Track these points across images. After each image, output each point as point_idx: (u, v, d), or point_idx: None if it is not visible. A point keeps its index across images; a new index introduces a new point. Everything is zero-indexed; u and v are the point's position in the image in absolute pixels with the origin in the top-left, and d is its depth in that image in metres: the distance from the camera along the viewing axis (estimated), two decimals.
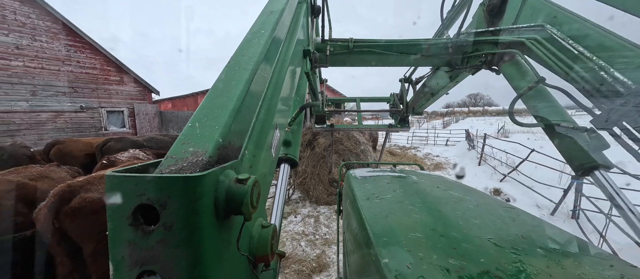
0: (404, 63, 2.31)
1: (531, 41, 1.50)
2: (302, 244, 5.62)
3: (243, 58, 0.72)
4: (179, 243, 0.38)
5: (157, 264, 0.37)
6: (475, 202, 1.10)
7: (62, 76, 11.11)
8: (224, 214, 0.45)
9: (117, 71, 12.87)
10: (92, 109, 12.12)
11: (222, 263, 0.45)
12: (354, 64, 2.36)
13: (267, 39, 0.81)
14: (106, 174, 0.40)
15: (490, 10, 1.90)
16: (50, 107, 10.88)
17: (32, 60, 10.33)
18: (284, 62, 1.00)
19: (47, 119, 10.78)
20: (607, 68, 1.16)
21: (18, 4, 9.90)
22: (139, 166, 0.47)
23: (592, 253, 0.73)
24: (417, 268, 0.63)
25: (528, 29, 1.56)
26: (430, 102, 3.04)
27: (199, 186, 0.39)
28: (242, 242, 0.51)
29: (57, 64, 11.00)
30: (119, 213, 0.38)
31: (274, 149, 0.84)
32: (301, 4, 1.47)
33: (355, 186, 1.34)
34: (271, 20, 0.91)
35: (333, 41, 2.20)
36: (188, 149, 0.48)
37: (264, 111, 0.76)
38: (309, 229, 6.30)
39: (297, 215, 7.10)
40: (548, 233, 0.85)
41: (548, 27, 1.43)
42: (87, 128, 11.96)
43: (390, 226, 0.88)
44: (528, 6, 1.61)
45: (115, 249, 0.38)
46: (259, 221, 0.59)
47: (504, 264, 0.64)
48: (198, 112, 0.57)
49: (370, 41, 2.20)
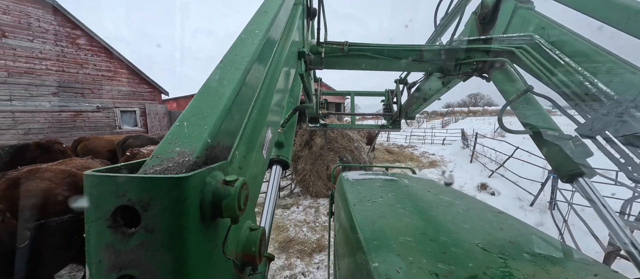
0: (398, 68, 2.37)
1: (520, 50, 1.55)
2: (304, 230, 6.35)
3: (236, 57, 0.71)
4: (161, 246, 0.36)
5: (137, 268, 0.36)
6: (465, 207, 1.13)
7: (80, 78, 11.95)
8: (211, 217, 0.44)
9: (130, 73, 13.69)
10: (108, 109, 12.95)
11: (207, 267, 0.43)
12: (349, 67, 2.42)
13: (261, 39, 0.80)
14: (85, 174, 0.38)
15: (482, 19, 1.97)
16: (70, 107, 11.71)
17: (54, 64, 11.15)
18: (278, 63, 1.00)
19: (67, 118, 11.61)
20: (591, 78, 1.20)
21: (42, 12, 10.72)
22: (120, 166, 0.46)
23: (576, 259, 0.76)
24: (406, 272, 0.64)
25: (518, 38, 1.61)
26: (423, 107, 3.13)
27: (184, 187, 0.38)
28: (230, 245, 0.51)
29: (76, 67, 11.83)
30: (97, 214, 0.37)
31: (265, 150, 0.83)
32: (297, 6, 1.50)
33: (348, 189, 1.37)
34: (266, 21, 0.90)
35: (328, 44, 2.24)
36: (175, 148, 0.47)
37: (256, 111, 0.75)
38: (309, 218, 7.04)
39: (299, 206, 7.84)
40: (535, 238, 0.87)
41: (537, 37, 1.49)
42: (103, 127, 12.78)
43: (381, 229, 0.89)
44: (518, 16, 1.67)
45: (92, 252, 0.37)
46: (248, 223, 0.58)
47: (492, 269, 0.66)
48: (187, 112, 0.56)
49: (364, 45, 2.24)
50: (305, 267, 4.93)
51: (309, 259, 5.19)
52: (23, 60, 10.39)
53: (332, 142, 8.21)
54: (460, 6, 2.18)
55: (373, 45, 2.24)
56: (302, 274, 4.74)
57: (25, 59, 10.42)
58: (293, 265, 4.97)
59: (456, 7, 2.24)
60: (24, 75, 10.44)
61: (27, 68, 10.50)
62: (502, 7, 1.79)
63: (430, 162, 13.75)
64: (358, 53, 2.24)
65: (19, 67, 10.30)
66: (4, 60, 9.96)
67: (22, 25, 10.30)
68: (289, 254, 5.33)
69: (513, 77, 1.71)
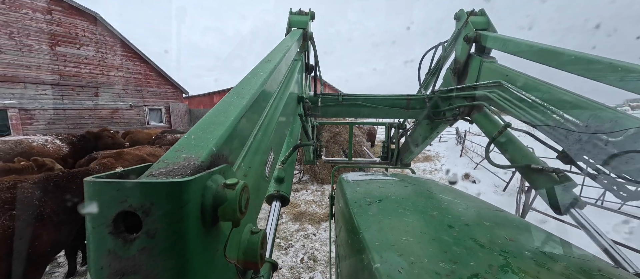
0: (390, 115, 2.69)
1: (493, 93, 1.74)
2: (312, 206, 7.91)
3: (242, 90, 0.78)
4: (162, 251, 0.36)
5: (138, 273, 0.36)
6: (466, 205, 1.14)
7: (116, 80, 13.70)
8: (212, 221, 0.43)
9: (157, 75, 15.42)
10: (138, 107, 14.72)
11: (209, 271, 0.43)
12: (344, 115, 2.74)
13: (264, 79, 0.88)
14: (85, 181, 0.38)
15: (456, 72, 2.27)
16: (108, 105, 13.49)
17: (96, 68, 12.91)
18: (280, 100, 1.12)
19: (106, 115, 13.38)
20: (557, 111, 1.31)
21: (86, 23, 12.46)
22: (122, 172, 0.45)
23: (577, 255, 0.77)
24: (408, 272, 0.66)
25: (489, 84, 1.82)
26: (416, 153, 3.28)
27: (185, 191, 0.38)
28: (231, 249, 0.51)
29: (113, 71, 13.58)
30: (98, 220, 0.37)
31: (268, 168, 0.87)
32: (296, 62, 1.72)
33: (348, 190, 1.38)
34: (269, 66, 1.01)
35: (324, 95, 2.60)
36: (181, 155, 0.49)
37: (261, 133, 0.81)
38: (317, 198, 8.60)
39: (307, 190, 9.41)
40: (536, 236, 0.88)
41: (504, 82, 1.67)
42: (135, 123, 14.55)
43: (382, 230, 0.90)
44: (485, 69, 1.93)
45: (94, 258, 0.37)
46: (248, 226, 0.57)
47: (493, 267, 0.67)
48: (195, 127, 0.59)
49: (357, 95, 2.59)
50: (314, 230, 6.48)
51: (317, 225, 6.73)
52: (72, 65, 12.16)
53: (337, 136, 9.85)
54: (439, 64, 2.61)
55: (364, 96, 2.59)
56: (312, 234, 6.29)
57: (73, 64, 12.19)
58: (305, 228, 6.53)
59: (436, 64, 2.65)
60: (73, 78, 12.22)
61: (75, 72, 12.27)
62: (471, 63, 2.09)
63: (425, 157, 15.14)
64: (351, 103, 2.58)
65: (68, 71, 12.08)
66: (57, 65, 11.73)
67: (71, 35, 12.06)
68: (302, 222, 6.89)
69: (492, 118, 1.95)
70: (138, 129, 10.50)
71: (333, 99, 2.63)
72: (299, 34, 1.99)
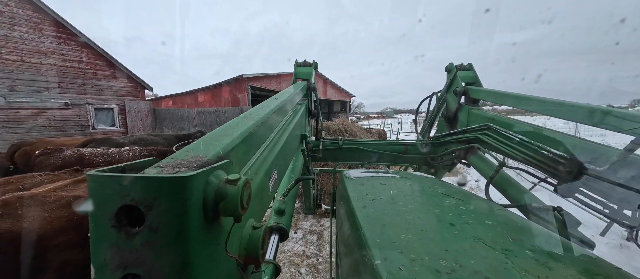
0: (388, 161, 2.91)
1: (484, 135, 1.99)
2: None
3: (251, 114, 0.93)
4: (165, 244, 0.37)
5: (141, 266, 0.37)
6: (468, 204, 1.12)
7: (44, 70, 10.22)
8: (213, 215, 0.44)
9: (107, 66, 11.97)
10: (78, 106, 11.23)
11: (211, 265, 0.45)
12: (344, 159, 2.93)
13: (269, 111, 1.05)
14: (88, 174, 0.39)
15: (447, 120, 2.65)
16: (31, 103, 10.00)
17: (10, 53, 9.45)
18: (285, 131, 1.30)
19: (26, 117, 9.89)
20: (544, 147, 1.46)
21: None
22: (126, 166, 0.46)
23: (579, 255, 0.75)
24: (409, 269, 0.65)
25: (478, 128, 2.08)
26: None
27: (187, 186, 0.38)
28: (232, 243, 0.51)
29: (39, 57, 10.12)
30: (101, 214, 0.38)
31: (271, 182, 0.91)
32: (300, 106, 2.11)
33: (349, 187, 1.33)
34: (275, 103, 1.22)
35: (325, 139, 2.88)
36: (190, 154, 0.51)
37: (267, 151, 0.93)
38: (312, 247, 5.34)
39: (298, 231, 6.18)
40: (538, 235, 0.87)
41: (492, 125, 1.94)
42: (73, 127, 11.07)
43: (383, 227, 0.89)
44: (472, 115, 2.32)
45: (97, 251, 0.38)
46: (250, 221, 0.59)
47: (494, 265, 0.66)
48: (205, 137, 0.64)
49: (356, 141, 2.92)
50: None
51: None
52: None
53: (344, 133, 9.23)
54: (434, 113, 2.99)
55: (363, 141, 2.95)
56: None
57: None
58: None
59: (432, 113, 3.02)
60: None
61: None
62: (461, 111, 2.48)
63: None
64: (351, 147, 2.89)
65: None
66: None
67: None
68: None
69: (486, 159, 2.12)
70: (45, 139, 7.02)
71: (333, 143, 2.87)
72: (304, 85, 2.47)
